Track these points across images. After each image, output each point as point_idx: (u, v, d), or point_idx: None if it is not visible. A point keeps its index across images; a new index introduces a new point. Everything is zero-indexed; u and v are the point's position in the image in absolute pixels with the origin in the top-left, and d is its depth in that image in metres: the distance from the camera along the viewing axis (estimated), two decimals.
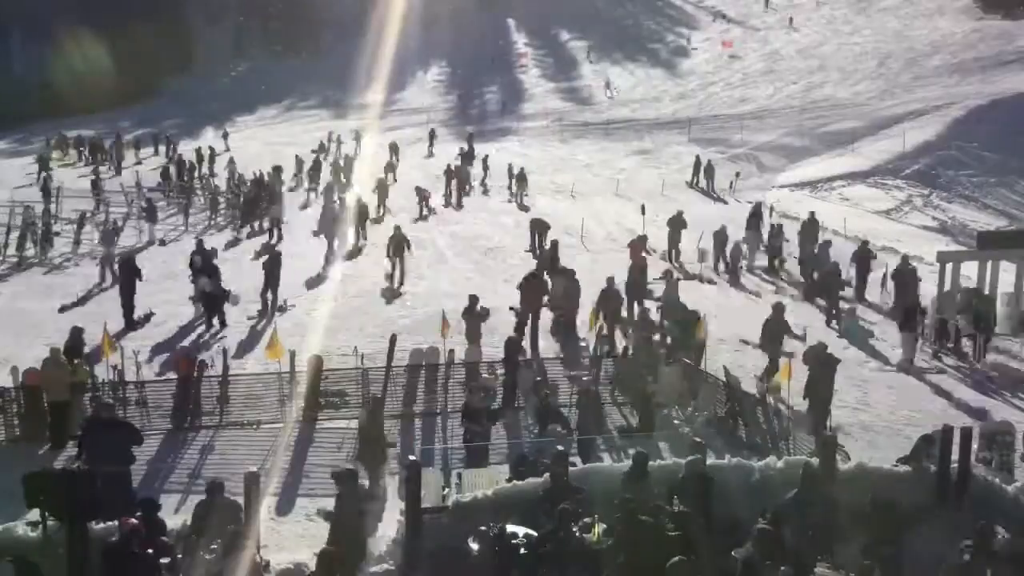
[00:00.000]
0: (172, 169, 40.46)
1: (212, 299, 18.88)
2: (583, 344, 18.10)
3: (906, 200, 36.90)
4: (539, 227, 26.29)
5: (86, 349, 15.23)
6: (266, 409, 14.50)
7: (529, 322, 17.73)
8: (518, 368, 15.31)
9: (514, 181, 36.36)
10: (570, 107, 61.60)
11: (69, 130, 53.80)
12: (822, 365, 14.23)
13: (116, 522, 8.78)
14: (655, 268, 23.00)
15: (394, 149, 42.82)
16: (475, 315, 16.77)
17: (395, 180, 37.57)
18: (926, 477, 10.23)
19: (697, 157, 40.76)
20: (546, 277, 19.12)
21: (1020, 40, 60.24)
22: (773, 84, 61.00)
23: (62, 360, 13.92)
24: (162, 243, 28.02)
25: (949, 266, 20.06)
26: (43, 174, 37.40)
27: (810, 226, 25.70)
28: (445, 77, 73.16)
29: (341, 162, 40.68)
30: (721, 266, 24.98)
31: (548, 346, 17.73)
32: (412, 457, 10.12)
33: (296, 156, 41.15)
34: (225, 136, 52.44)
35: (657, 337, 16.88)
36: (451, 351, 15.93)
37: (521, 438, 13.64)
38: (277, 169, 35.81)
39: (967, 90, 50.57)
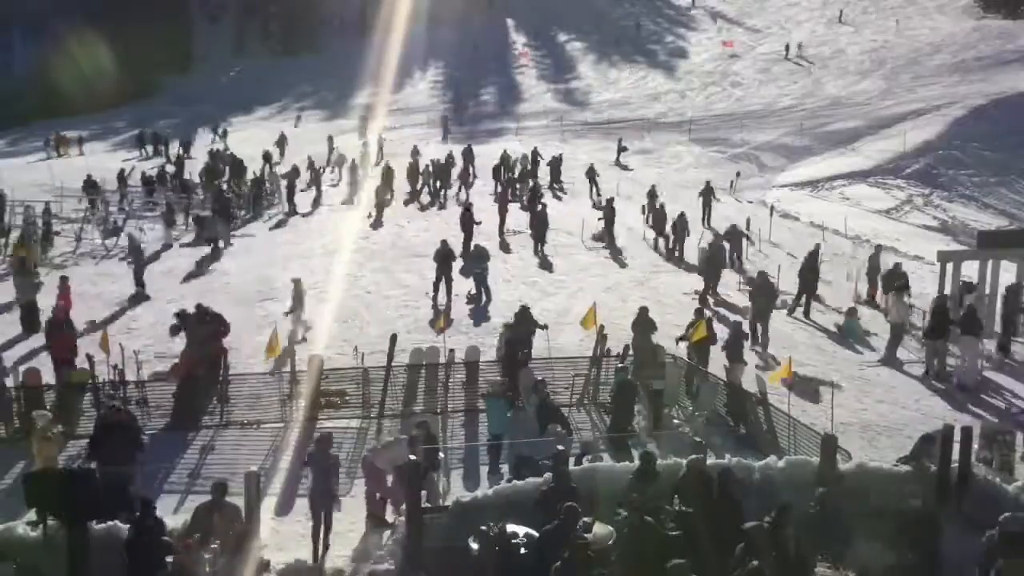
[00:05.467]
0: (170, 168, 40.40)
1: None
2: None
3: (906, 200, 36.93)
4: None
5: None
6: (266, 409, 14.50)
7: None
8: (518, 368, 15.29)
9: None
10: (569, 107, 61.57)
11: (69, 130, 53.79)
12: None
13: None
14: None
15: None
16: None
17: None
18: (926, 477, 10.23)
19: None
20: None
21: (1020, 39, 60.23)
22: (774, 83, 61.01)
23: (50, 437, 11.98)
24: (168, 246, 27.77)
25: (950, 265, 20.06)
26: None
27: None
28: (444, 77, 73.14)
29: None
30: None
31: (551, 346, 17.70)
32: (412, 457, 10.13)
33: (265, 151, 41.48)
34: (224, 135, 52.39)
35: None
36: (451, 351, 15.92)
37: (521, 438, 13.63)
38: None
39: (967, 90, 50.56)
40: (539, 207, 27.05)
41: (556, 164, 38.47)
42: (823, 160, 42.48)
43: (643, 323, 16.19)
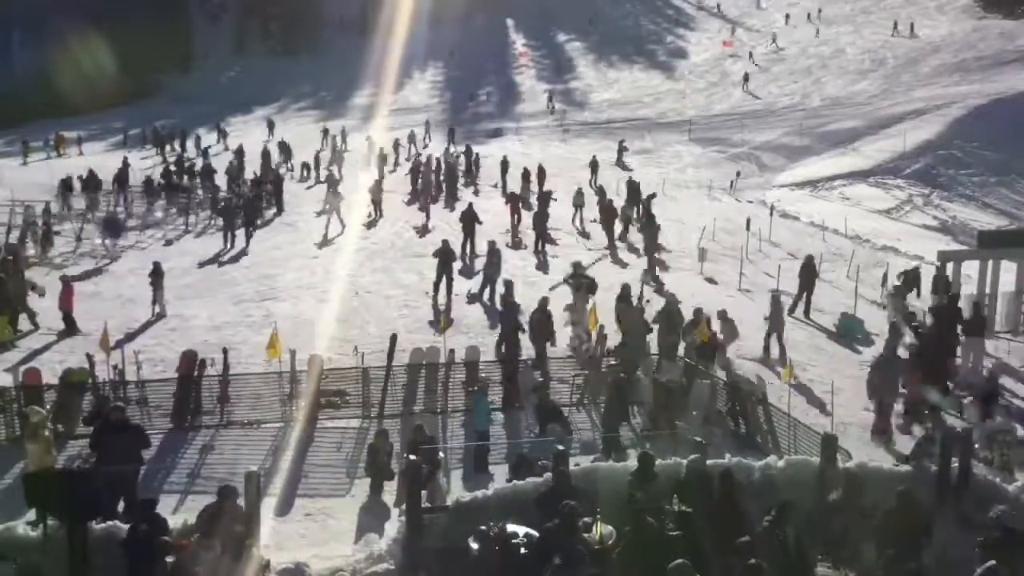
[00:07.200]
0: (172, 168, 40.25)
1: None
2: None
3: (907, 199, 36.95)
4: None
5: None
6: (266, 409, 14.51)
7: None
8: (518, 368, 15.30)
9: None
10: (568, 107, 61.57)
11: (69, 130, 53.76)
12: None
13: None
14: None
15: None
16: None
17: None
18: (926, 477, 10.23)
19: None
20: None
21: (1021, 39, 60.27)
22: (775, 83, 61.04)
23: (44, 433, 12.06)
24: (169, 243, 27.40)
25: (950, 265, 20.09)
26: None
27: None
28: (443, 77, 73.18)
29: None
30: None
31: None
32: (412, 457, 10.13)
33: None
34: (224, 135, 52.30)
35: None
36: (451, 351, 15.92)
37: (521, 438, 13.65)
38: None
39: (968, 89, 50.59)
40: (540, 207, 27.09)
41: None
42: (823, 160, 42.49)
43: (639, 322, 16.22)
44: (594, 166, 38.37)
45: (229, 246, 26.12)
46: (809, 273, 21.32)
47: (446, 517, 9.49)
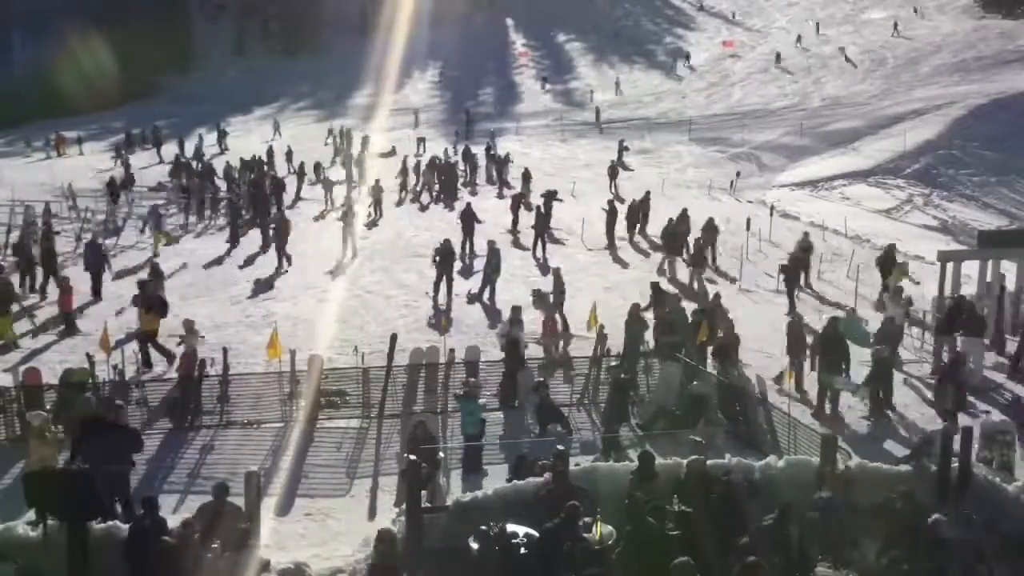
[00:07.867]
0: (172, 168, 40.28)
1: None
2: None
3: (907, 199, 36.92)
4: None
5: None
6: (266, 409, 14.50)
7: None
8: (518, 368, 15.30)
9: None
10: (568, 107, 61.59)
11: (69, 130, 53.76)
12: None
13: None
14: None
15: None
16: None
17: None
18: (926, 477, 10.23)
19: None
20: None
21: (1021, 39, 60.28)
22: (774, 83, 61.04)
23: (48, 436, 12.04)
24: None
25: (950, 265, 20.05)
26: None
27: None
28: (442, 78, 73.17)
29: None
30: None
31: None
32: (412, 457, 10.13)
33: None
34: (223, 135, 52.25)
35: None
36: (451, 351, 15.92)
37: (521, 438, 13.65)
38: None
39: (968, 89, 50.58)
40: (540, 207, 27.09)
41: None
42: (823, 160, 42.46)
43: (636, 321, 16.23)
44: (613, 172, 37.95)
45: (230, 246, 26.11)
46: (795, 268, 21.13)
47: (446, 517, 9.50)
